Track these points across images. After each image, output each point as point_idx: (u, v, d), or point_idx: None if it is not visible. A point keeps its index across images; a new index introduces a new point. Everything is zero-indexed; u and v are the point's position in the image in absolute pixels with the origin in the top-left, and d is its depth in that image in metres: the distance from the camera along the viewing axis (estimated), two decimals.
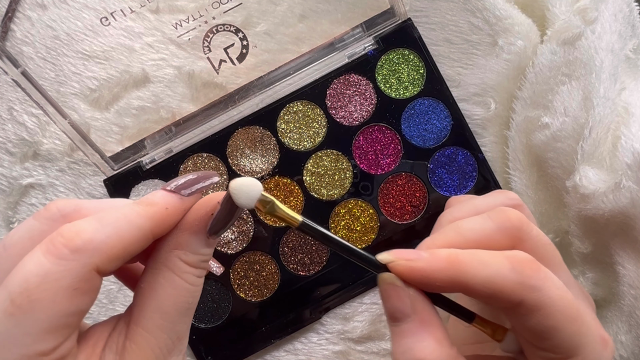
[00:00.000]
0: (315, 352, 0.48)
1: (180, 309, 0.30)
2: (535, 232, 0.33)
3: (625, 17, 0.46)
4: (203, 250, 0.30)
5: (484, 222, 0.33)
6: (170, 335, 0.30)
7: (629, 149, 0.42)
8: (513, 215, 0.32)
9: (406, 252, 0.31)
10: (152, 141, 0.47)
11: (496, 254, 0.30)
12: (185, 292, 0.30)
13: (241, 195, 0.28)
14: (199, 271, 0.30)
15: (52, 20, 0.47)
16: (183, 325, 0.30)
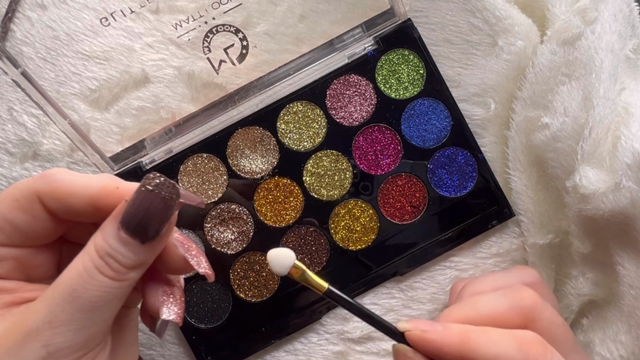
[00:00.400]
0: (315, 353, 0.48)
1: (63, 291, 0.29)
2: (547, 314, 0.34)
3: (625, 17, 0.46)
4: (112, 241, 0.29)
5: (499, 300, 0.35)
6: (44, 312, 0.28)
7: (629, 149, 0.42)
8: (527, 295, 0.34)
9: (424, 323, 0.33)
10: (152, 141, 0.47)
11: (505, 334, 0.32)
12: (75, 273, 0.29)
13: (276, 265, 0.33)
14: (100, 263, 0.29)
15: (52, 21, 0.47)
16: (60, 313, 0.28)
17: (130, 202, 0.29)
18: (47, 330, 0.28)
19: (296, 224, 0.48)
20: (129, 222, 0.29)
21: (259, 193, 0.48)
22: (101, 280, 0.29)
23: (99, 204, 0.30)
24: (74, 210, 0.31)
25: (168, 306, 0.32)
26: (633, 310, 0.44)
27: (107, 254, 0.29)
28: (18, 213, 0.31)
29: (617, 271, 0.44)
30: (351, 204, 0.48)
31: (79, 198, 0.30)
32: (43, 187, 0.30)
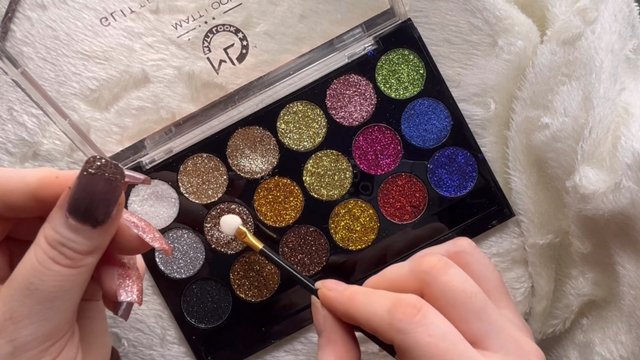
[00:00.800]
0: (315, 352, 0.48)
1: (19, 285, 0.28)
2: (446, 278, 0.35)
3: (625, 17, 0.46)
4: (62, 229, 0.28)
5: (401, 267, 0.37)
6: (4, 309, 0.28)
7: (629, 149, 0.42)
8: (426, 261, 0.36)
9: (333, 284, 0.39)
10: (152, 141, 0.47)
11: (385, 296, 0.35)
12: (29, 267, 0.28)
13: (225, 227, 0.43)
14: (54, 253, 0.28)
15: (52, 21, 0.47)
16: (20, 307, 0.28)
17: (74, 188, 0.28)
18: (10, 326, 0.28)
19: (296, 224, 0.48)
20: (77, 208, 0.28)
21: (259, 193, 0.48)
22: (57, 270, 0.28)
23: (40, 196, 0.29)
24: (15, 206, 0.30)
25: (125, 288, 0.31)
26: (633, 310, 0.44)
27: (59, 243, 0.28)
28: None
29: (617, 271, 0.44)
30: (351, 203, 0.48)
31: (18, 194, 0.29)
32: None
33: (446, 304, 0.34)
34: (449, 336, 0.32)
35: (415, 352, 0.32)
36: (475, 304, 0.34)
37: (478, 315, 0.34)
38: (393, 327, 0.33)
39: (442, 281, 0.35)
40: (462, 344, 0.32)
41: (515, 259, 0.49)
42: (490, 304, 0.35)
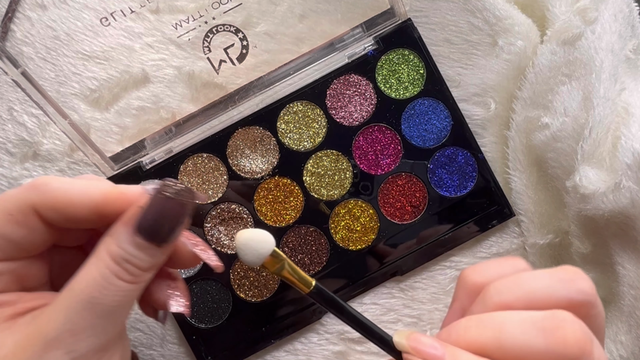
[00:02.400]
0: (315, 352, 0.48)
1: (81, 299, 0.28)
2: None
3: (625, 18, 0.46)
4: (127, 247, 0.29)
5: (533, 336, 0.27)
6: (62, 322, 0.28)
7: (629, 149, 0.42)
8: (572, 339, 0.26)
9: (425, 345, 0.28)
10: (152, 141, 0.47)
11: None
12: (92, 281, 0.29)
13: (247, 252, 0.26)
14: (117, 269, 0.29)
15: (52, 21, 0.47)
16: (81, 320, 0.28)
17: (147, 208, 0.29)
18: (68, 337, 0.28)
19: (296, 224, 0.48)
20: (146, 228, 0.29)
21: (259, 193, 0.48)
22: (119, 285, 0.29)
23: (104, 211, 0.30)
24: (75, 219, 0.30)
25: (176, 299, 0.33)
26: (633, 310, 0.44)
27: (123, 260, 0.29)
28: (13, 227, 0.30)
29: (617, 271, 0.44)
30: (351, 203, 0.48)
31: (81, 207, 0.30)
32: (39, 199, 0.29)
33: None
34: None
35: None
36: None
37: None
38: None
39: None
40: None
41: None
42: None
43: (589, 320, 0.29)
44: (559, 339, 0.26)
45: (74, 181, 0.30)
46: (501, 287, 0.30)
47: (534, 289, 0.29)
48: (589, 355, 0.27)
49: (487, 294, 0.30)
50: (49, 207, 0.30)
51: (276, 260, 0.28)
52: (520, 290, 0.29)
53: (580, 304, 0.29)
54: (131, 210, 0.29)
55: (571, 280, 0.29)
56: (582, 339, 0.27)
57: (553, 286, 0.29)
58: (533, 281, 0.29)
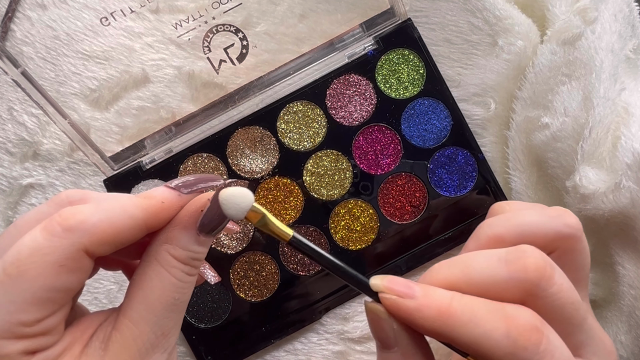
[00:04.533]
0: (315, 352, 0.48)
1: (166, 304, 0.30)
2: (554, 289, 0.29)
3: (625, 17, 0.46)
4: (193, 247, 0.30)
5: (497, 268, 0.29)
6: (153, 329, 0.29)
7: (629, 149, 0.42)
8: (532, 266, 0.28)
9: (399, 284, 0.30)
10: (152, 141, 0.47)
11: (495, 311, 0.28)
12: (171, 286, 0.30)
13: (230, 206, 0.29)
14: (187, 268, 0.30)
15: (52, 20, 0.47)
16: (168, 321, 0.30)
17: (209, 209, 0.30)
18: (163, 340, 0.30)
19: (296, 224, 0.48)
20: (210, 226, 0.30)
21: (259, 193, 0.48)
22: (191, 281, 0.31)
23: (150, 226, 0.30)
24: (125, 243, 0.30)
25: (207, 271, 0.35)
26: (633, 310, 0.44)
27: (191, 259, 0.30)
28: (67, 277, 0.28)
29: (617, 271, 0.44)
30: (351, 203, 0.48)
31: (130, 231, 0.29)
32: (88, 241, 0.28)
33: (553, 318, 0.29)
34: None
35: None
36: (580, 314, 0.30)
37: (581, 327, 0.30)
38: (516, 357, 0.27)
39: (551, 293, 0.29)
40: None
41: None
42: (588, 309, 0.31)
43: (575, 253, 0.32)
44: (520, 266, 0.28)
45: (107, 206, 0.29)
46: (493, 222, 0.32)
47: (524, 222, 0.31)
48: (549, 280, 0.28)
49: (481, 229, 0.32)
50: (99, 244, 0.28)
51: (257, 214, 0.30)
52: (511, 224, 0.32)
53: (567, 236, 0.31)
54: (188, 215, 0.30)
55: (559, 215, 0.32)
56: (542, 265, 0.28)
57: (542, 220, 0.31)
58: (524, 216, 0.32)
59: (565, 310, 0.29)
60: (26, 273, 0.27)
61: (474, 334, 0.27)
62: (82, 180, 0.48)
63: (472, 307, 0.28)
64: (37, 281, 0.27)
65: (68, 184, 0.48)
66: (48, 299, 0.27)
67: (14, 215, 0.48)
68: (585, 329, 0.30)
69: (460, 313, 0.28)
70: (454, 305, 0.28)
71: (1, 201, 0.48)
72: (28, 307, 0.27)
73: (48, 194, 0.48)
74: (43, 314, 0.27)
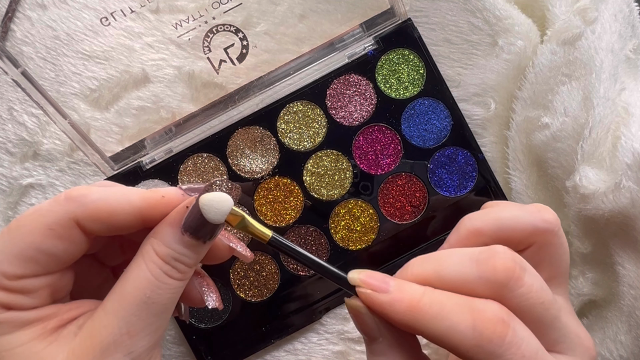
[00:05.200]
0: (315, 352, 0.48)
1: (136, 299, 0.29)
2: (523, 290, 0.29)
3: (625, 17, 0.46)
4: (175, 245, 0.30)
5: (467, 267, 0.30)
6: (119, 324, 0.29)
7: (629, 149, 0.42)
8: (501, 267, 0.29)
9: (375, 278, 0.30)
10: (152, 141, 0.47)
11: (462, 305, 0.29)
12: (145, 281, 0.29)
13: (210, 210, 0.29)
14: (167, 267, 0.30)
15: (52, 20, 0.47)
16: (137, 321, 0.29)
17: (192, 209, 0.30)
18: (127, 339, 0.29)
19: (296, 224, 0.48)
20: (195, 227, 0.30)
21: (259, 193, 0.48)
22: (170, 283, 0.30)
23: (146, 216, 0.31)
24: (118, 227, 0.31)
25: (210, 295, 0.34)
26: (633, 310, 0.44)
27: (173, 259, 0.30)
28: (54, 241, 0.30)
29: (617, 271, 0.44)
30: (351, 203, 0.48)
31: (124, 214, 0.30)
32: (81, 212, 0.30)
33: (523, 317, 0.29)
34: (540, 353, 0.29)
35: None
36: (551, 313, 0.30)
37: (552, 324, 0.31)
38: (482, 349, 0.28)
39: (520, 294, 0.29)
40: (548, 357, 0.30)
41: None
42: (561, 308, 0.32)
43: (551, 248, 0.33)
44: (489, 266, 0.29)
45: (111, 189, 0.31)
46: (473, 216, 0.33)
47: (502, 216, 0.33)
48: (517, 280, 0.29)
49: (462, 222, 0.34)
50: (92, 219, 0.30)
51: (236, 217, 0.31)
52: (490, 217, 0.33)
53: (544, 231, 0.32)
54: (176, 211, 0.30)
55: (537, 211, 0.33)
56: (511, 267, 0.29)
57: (520, 215, 0.33)
58: (502, 211, 0.33)
59: (535, 310, 0.30)
60: (22, 229, 0.29)
61: (441, 327, 0.28)
62: (82, 181, 0.48)
63: (440, 301, 0.29)
64: (27, 238, 0.29)
65: (68, 184, 0.48)
66: (32, 258, 0.29)
67: (14, 215, 0.48)
68: (558, 327, 0.31)
69: (429, 307, 0.29)
70: (424, 299, 0.29)
71: (1, 201, 0.48)
72: (13, 260, 0.29)
73: (48, 194, 0.48)
74: (24, 272, 0.29)
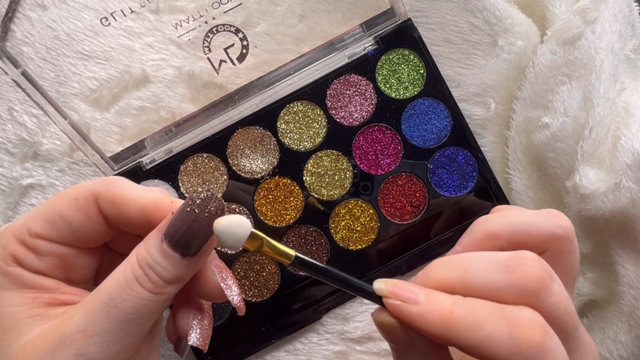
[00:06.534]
0: (315, 352, 0.48)
1: (102, 298, 0.29)
2: (553, 300, 0.29)
3: (625, 17, 0.46)
4: (152, 251, 0.29)
5: (496, 274, 0.29)
6: (80, 320, 0.28)
7: (629, 149, 0.42)
8: (531, 275, 0.28)
9: (403, 288, 0.29)
10: (152, 141, 0.47)
11: (496, 313, 0.28)
12: (115, 281, 0.29)
13: (227, 237, 0.27)
14: (140, 272, 0.29)
15: (52, 21, 0.47)
16: (95, 321, 0.28)
17: (176, 215, 0.29)
18: (81, 339, 0.28)
19: (296, 224, 0.48)
20: (173, 235, 0.29)
21: (259, 193, 0.48)
22: (138, 292, 0.29)
23: (151, 215, 0.31)
24: (126, 218, 0.31)
25: (196, 331, 0.32)
26: (633, 310, 0.44)
27: (147, 265, 0.29)
28: (74, 211, 0.31)
29: (617, 271, 0.44)
30: (351, 203, 0.48)
31: (134, 207, 0.31)
32: (102, 190, 0.31)
33: (550, 324, 0.28)
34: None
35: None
36: (574, 323, 0.30)
37: (573, 335, 0.30)
38: (521, 357, 0.27)
39: (550, 303, 0.28)
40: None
41: None
42: (578, 318, 0.31)
43: (565, 254, 0.32)
44: (520, 274, 0.28)
45: (137, 185, 0.32)
46: (488, 219, 0.32)
47: (519, 221, 0.32)
48: (548, 290, 0.28)
49: (476, 225, 0.32)
50: (108, 200, 0.31)
51: (255, 241, 0.29)
52: (506, 221, 0.32)
53: (559, 237, 0.31)
54: (166, 218, 0.30)
55: (553, 217, 0.32)
56: (542, 275, 0.28)
57: (536, 220, 0.32)
58: (518, 215, 0.32)
59: (562, 320, 0.29)
60: (58, 195, 0.32)
61: (477, 337, 0.27)
62: (83, 181, 0.48)
63: (473, 310, 0.28)
64: (55, 202, 0.32)
65: (68, 184, 0.48)
66: (52, 221, 0.31)
67: (14, 216, 0.48)
68: (577, 336, 0.30)
69: (463, 318, 0.27)
70: (456, 310, 0.28)
71: (1, 201, 0.48)
72: (39, 219, 0.31)
73: (48, 194, 0.48)
74: (42, 232, 0.31)
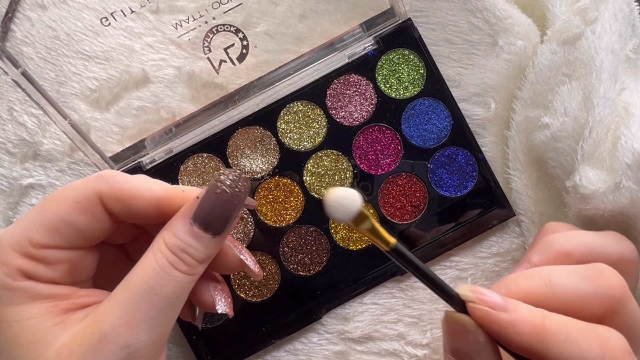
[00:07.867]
0: (315, 352, 0.48)
1: (139, 288, 0.29)
2: (632, 307, 0.30)
3: (625, 17, 0.46)
4: (184, 236, 0.29)
5: (580, 282, 0.29)
6: (120, 314, 0.28)
7: (629, 149, 0.42)
8: (615, 282, 0.29)
9: (489, 295, 0.29)
10: (152, 141, 0.47)
11: (587, 331, 0.28)
12: (150, 270, 0.29)
13: (338, 210, 0.27)
14: (174, 258, 0.29)
15: (52, 21, 0.47)
16: (137, 311, 0.28)
17: (205, 198, 0.30)
18: (125, 331, 0.28)
19: (296, 224, 0.48)
20: (205, 217, 0.29)
21: (259, 193, 0.48)
22: (176, 276, 0.29)
23: (164, 206, 0.31)
24: (137, 212, 0.31)
25: (222, 300, 0.34)
26: None
27: (180, 250, 0.29)
28: (79, 215, 0.30)
29: None
30: None
31: (144, 201, 0.31)
32: (106, 189, 0.31)
33: (627, 335, 0.29)
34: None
35: None
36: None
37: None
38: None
39: (630, 311, 0.29)
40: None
41: (515, 259, 0.49)
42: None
43: (632, 276, 0.33)
44: (605, 282, 0.29)
45: (138, 177, 0.32)
46: (563, 237, 0.34)
47: (592, 242, 0.34)
48: (630, 297, 0.30)
49: (549, 241, 0.33)
50: (115, 198, 0.31)
51: (361, 219, 0.28)
52: (581, 241, 0.33)
53: (629, 260, 0.33)
54: (187, 203, 0.30)
55: (622, 239, 0.35)
56: (624, 283, 0.30)
57: (608, 242, 0.34)
58: (591, 236, 0.34)
59: (637, 329, 0.30)
60: (52, 201, 0.31)
61: (570, 353, 0.27)
62: None
63: (565, 325, 0.28)
64: (56, 209, 0.30)
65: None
66: (58, 229, 0.30)
67: (14, 216, 0.48)
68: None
69: (556, 331, 0.27)
70: (548, 322, 0.28)
71: (1, 201, 0.48)
72: (41, 228, 0.30)
73: (48, 194, 0.48)
74: (48, 242, 0.30)
